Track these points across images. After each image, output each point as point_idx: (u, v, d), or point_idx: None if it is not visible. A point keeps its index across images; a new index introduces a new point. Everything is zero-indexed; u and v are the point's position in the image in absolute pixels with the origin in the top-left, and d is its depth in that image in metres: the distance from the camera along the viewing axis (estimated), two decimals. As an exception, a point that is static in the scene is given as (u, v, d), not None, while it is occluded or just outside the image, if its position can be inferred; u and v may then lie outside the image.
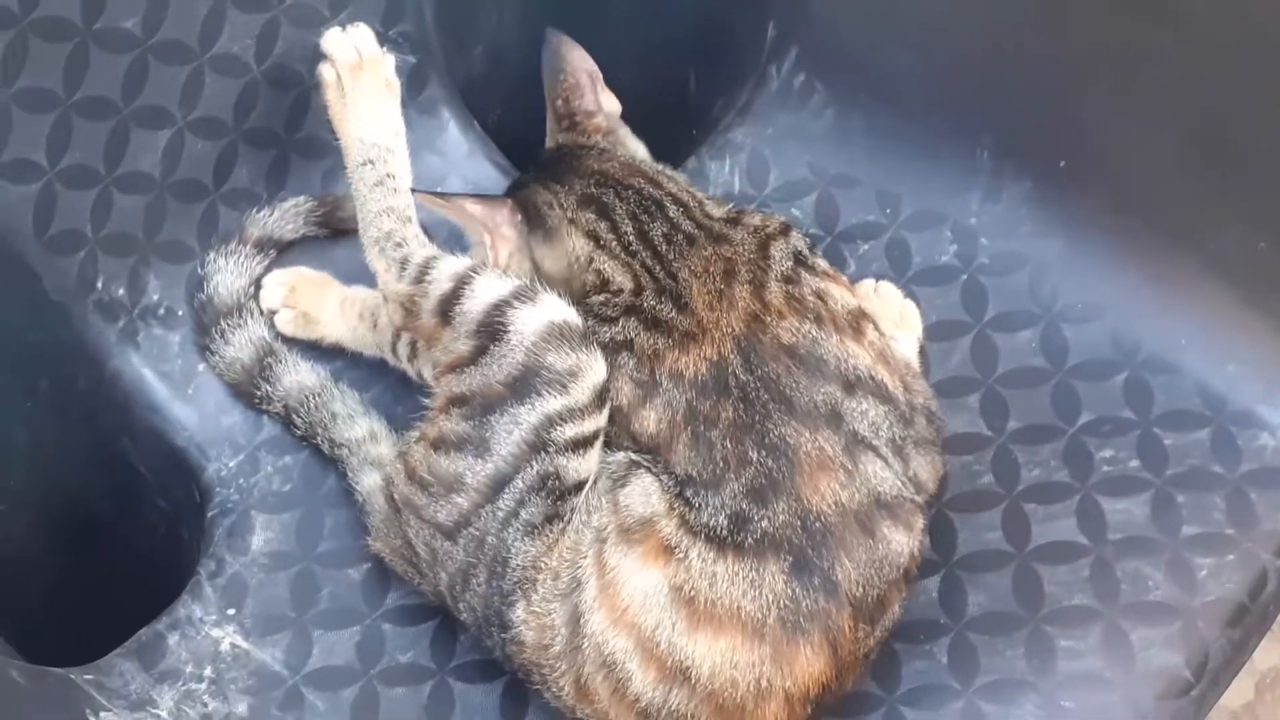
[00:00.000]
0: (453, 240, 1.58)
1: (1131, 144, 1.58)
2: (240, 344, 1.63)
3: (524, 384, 1.35)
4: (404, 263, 1.46)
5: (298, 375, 1.62)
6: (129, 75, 1.58)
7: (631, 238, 1.47)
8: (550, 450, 1.34)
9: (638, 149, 1.60)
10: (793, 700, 1.32)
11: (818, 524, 1.32)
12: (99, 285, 1.60)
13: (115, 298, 1.61)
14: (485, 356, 1.37)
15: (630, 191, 1.50)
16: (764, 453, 1.33)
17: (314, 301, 1.65)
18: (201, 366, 1.65)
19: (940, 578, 1.48)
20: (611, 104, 1.61)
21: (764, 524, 1.31)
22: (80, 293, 1.60)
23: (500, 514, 1.36)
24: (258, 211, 1.67)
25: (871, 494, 1.35)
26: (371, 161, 1.51)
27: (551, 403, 1.34)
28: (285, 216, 1.67)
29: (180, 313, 1.65)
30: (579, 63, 1.59)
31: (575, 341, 1.35)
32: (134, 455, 1.67)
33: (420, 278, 1.44)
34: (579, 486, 1.36)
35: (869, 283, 1.64)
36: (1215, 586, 1.44)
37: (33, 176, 1.54)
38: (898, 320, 1.60)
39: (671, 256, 1.45)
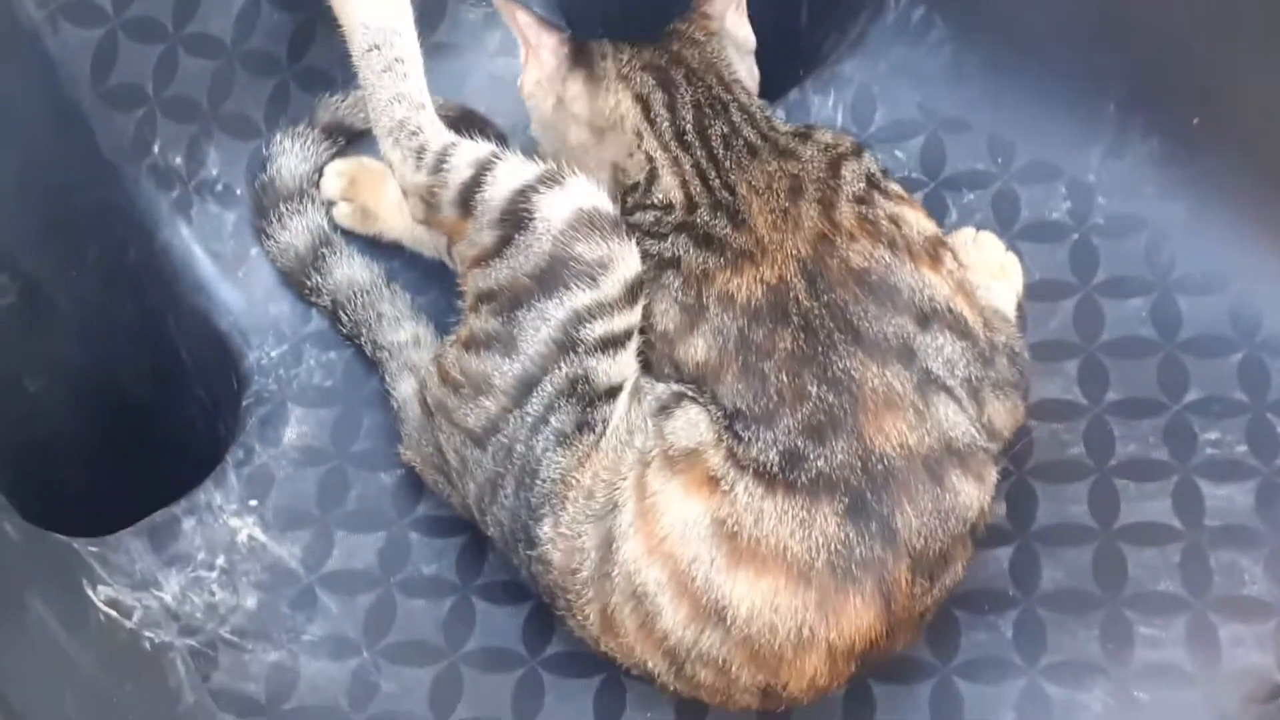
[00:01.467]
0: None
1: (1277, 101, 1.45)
2: (297, 230, 1.55)
3: (551, 276, 1.25)
4: (420, 151, 1.36)
5: (350, 270, 1.54)
6: None
7: (688, 126, 1.37)
8: (579, 350, 1.24)
9: (739, 68, 1.49)
10: (836, 654, 1.20)
11: (880, 466, 1.20)
12: (155, 149, 1.52)
13: (171, 165, 1.54)
14: (510, 247, 1.27)
15: (700, 83, 1.41)
16: (825, 387, 1.21)
17: (373, 195, 1.56)
18: (255, 250, 1.57)
19: (1014, 548, 1.37)
20: (740, 28, 1.51)
21: (820, 463, 1.20)
22: (135, 154, 1.52)
23: (529, 420, 1.26)
24: (331, 96, 1.59)
25: (943, 439, 1.23)
26: (378, 46, 1.39)
27: (580, 296, 1.24)
28: (359, 104, 1.58)
29: (239, 191, 1.57)
30: None
31: (606, 230, 1.25)
32: (177, 337, 1.59)
33: (438, 166, 1.34)
34: (611, 393, 1.25)
35: (968, 231, 1.52)
36: (1320, 589, 1.32)
37: (95, 21, 1.47)
38: (996, 272, 1.48)
39: (729, 165, 1.35)
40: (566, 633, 1.32)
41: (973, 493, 1.24)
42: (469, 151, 1.33)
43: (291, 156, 1.56)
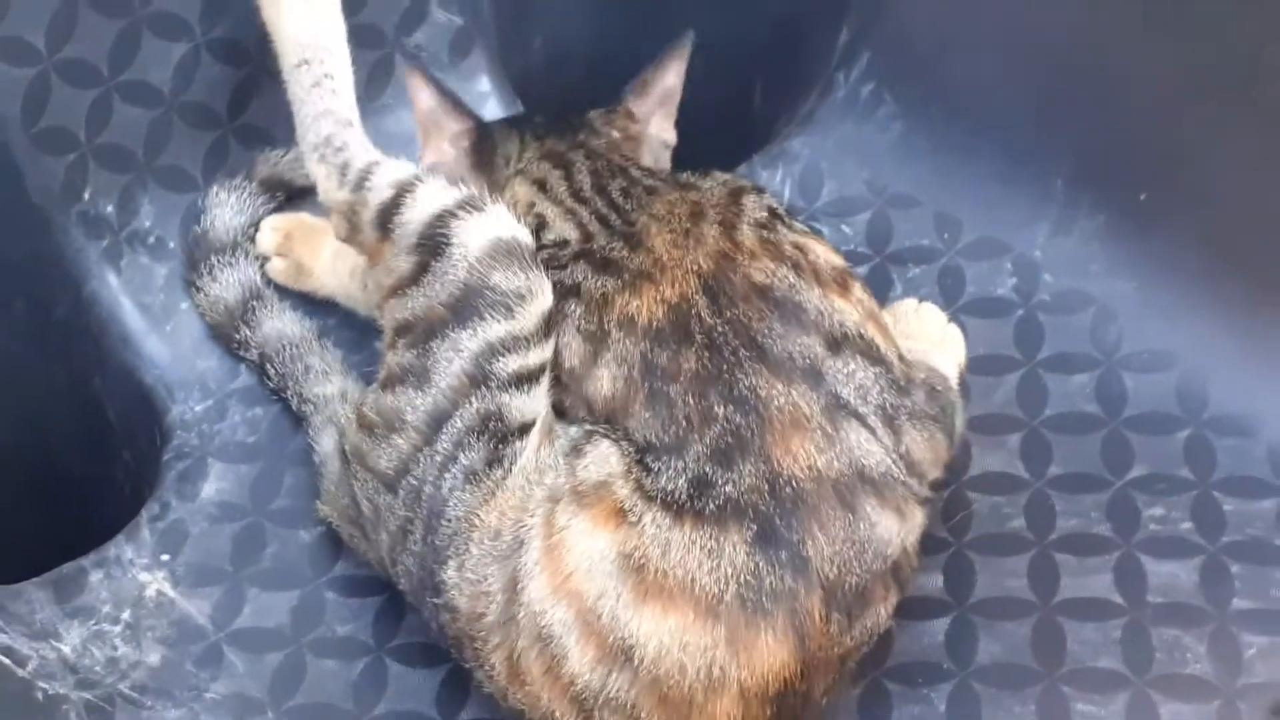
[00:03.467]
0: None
1: (1237, 173, 1.41)
2: (228, 283, 1.50)
3: (466, 305, 1.19)
4: (344, 168, 1.31)
5: (280, 323, 1.49)
6: None
7: (585, 188, 1.33)
8: (492, 385, 1.18)
9: (646, 160, 1.45)
10: (749, 696, 1.12)
11: (788, 489, 1.13)
12: (86, 196, 1.48)
13: (102, 214, 1.49)
14: (426, 275, 1.21)
15: (600, 159, 1.37)
16: (731, 407, 1.15)
17: (309, 251, 1.52)
18: (184, 304, 1.52)
19: (950, 620, 1.29)
20: (665, 132, 1.48)
21: (728, 488, 1.13)
22: (65, 200, 1.47)
23: (438, 458, 1.19)
24: (272, 150, 1.56)
25: (854, 465, 1.16)
26: (308, 62, 1.36)
27: (495, 328, 1.18)
28: (299, 161, 1.51)
29: (172, 245, 1.53)
30: (667, 77, 1.46)
31: (525, 260, 1.20)
32: (104, 398, 1.54)
33: (360, 184, 1.29)
34: (523, 430, 1.19)
35: (909, 301, 1.47)
36: (1264, 669, 1.23)
37: (27, 59, 1.43)
38: (937, 342, 1.42)
39: (629, 206, 1.30)
40: (483, 698, 1.24)
41: (892, 526, 1.17)
42: (391, 171, 1.29)
43: (226, 209, 1.52)
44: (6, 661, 1.25)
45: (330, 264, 1.50)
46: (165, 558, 1.38)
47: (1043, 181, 1.52)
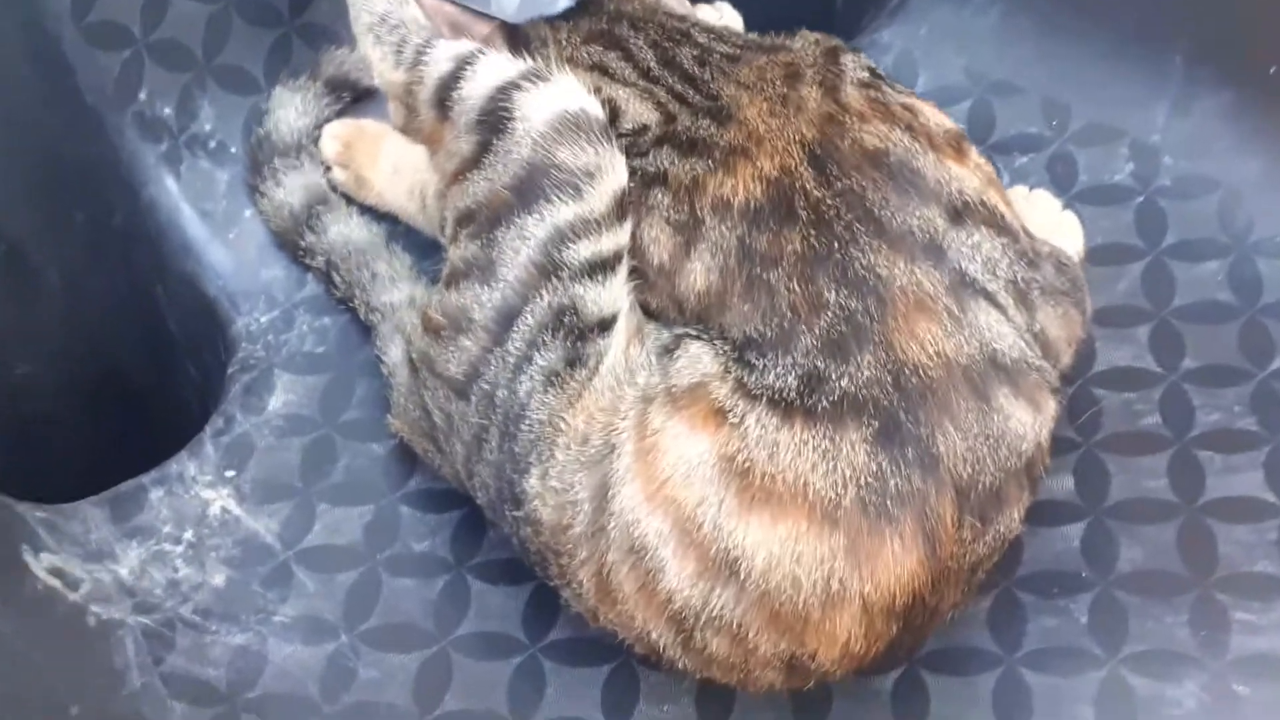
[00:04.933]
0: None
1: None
2: (292, 187, 1.28)
3: (531, 186, 0.97)
4: (400, 46, 1.09)
5: (346, 228, 1.27)
6: None
7: (652, 64, 1.09)
8: (563, 275, 0.96)
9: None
10: (872, 611, 0.90)
11: (914, 379, 0.91)
12: (142, 96, 1.26)
13: (160, 115, 1.28)
14: (488, 155, 1.00)
15: (651, 24, 1.13)
16: (845, 290, 0.93)
17: (368, 162, 1.29)
18: (248, 212, 1.30)
19: (1085, 525, 1.07)
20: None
21: (844, 382, 0.91)
22: (119, 100, 1.26)
23: (511, 359, 0.98)
24: (337, 49, 1.33)
25: (985, 350, 0.94)
26: None
27: (563, 210, 0.96)
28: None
29: (234, 149, 1.31)
30: None
31: (593, 134, 0.97)
32: (166, 309, 1.33)
33: (417, 60, 1.07)
34: (603, 325, 0.97)
35: (1019, 189, 1.24)
36: None
37: None
38: (1053, 230, 1.18)
39: (708, 76, 1.06)
40: (573, 616, 1.03)
41: (1026, 419, 0.95)
42: (451, 46, 1.06)
43: (290, 110, 1.30)
44: (56, 584, 1.04)
45: (389, 179, 1.28)
46: (230, 474, 1.17)
47: (1158, 59, 1.27)
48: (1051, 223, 1.21)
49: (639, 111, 1.06)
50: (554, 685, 1.04)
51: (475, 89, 1.01)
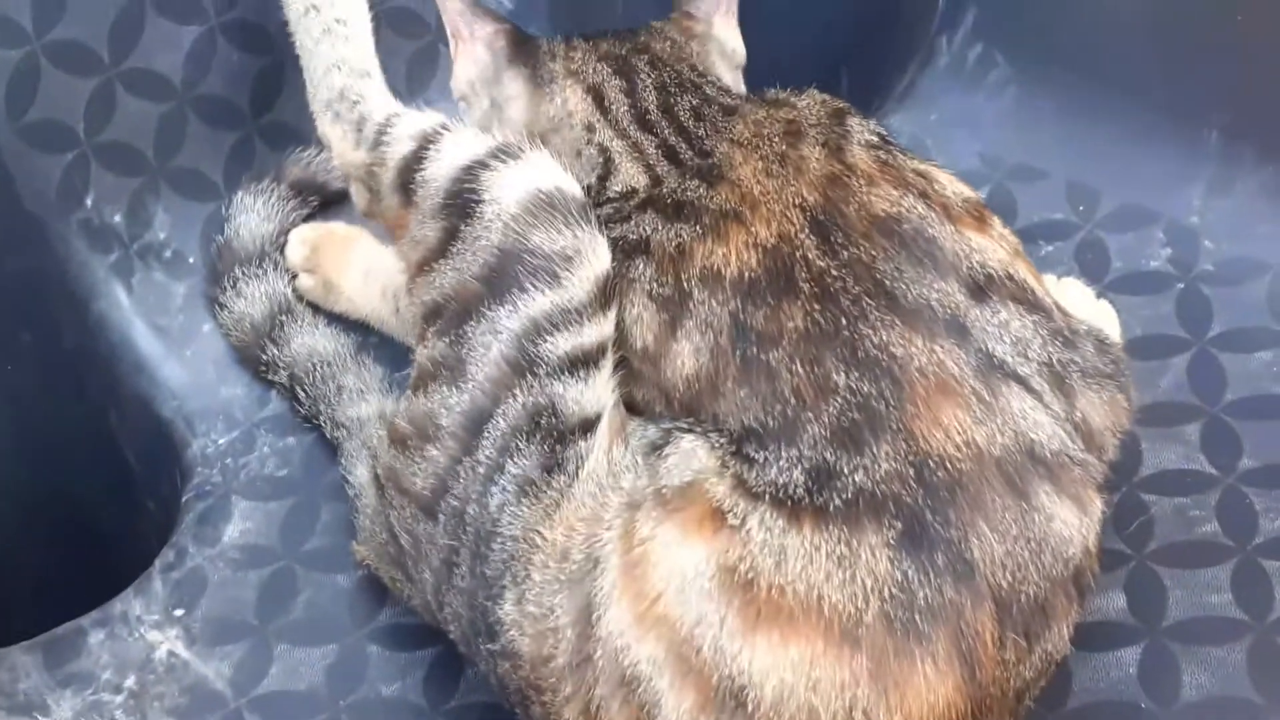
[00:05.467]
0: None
1: None
2: (253, 297, 1.19)
3: (503, 275, 0.88)
4: (360, 123, 1.02)
5: (311, 339, 1.17)
6: None
7: (651, 107, 1.01)
8: (539, 371, 0.86)
9: (722, 73, 1.11)
10: None
11: (940, 473, 0.80)
12: (88, 202, 1.17)
13: (108, 223, 1.19)
14: (456, 242, 0.90)
15: (667, 68, 1.04)
16: (856, 373, 0.82)
17: (337, 267, 1.20)
18: (206, 326, 1.21)
19: (1141, 649, 0.95)
20: (730, 37, 1.12)
21: (858, 476, 0.80)
22: (63, 206, 1.16)
23: (481, 469, 0.87)
24: (303, 150, 1.24)
25: (1021, 440, 0.83)
26: (315, 7, 1.06)
27: (538, 300, 0.86)
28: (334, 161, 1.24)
29: (191, 260, 1.22)
30: None
31: (570, 215, 0.88)
32: (121, 436, 1.23)
33: (378, 140, 1.00)
34: (584, 426, 0.86)
35: (1048, 278, 1.11)
36: None
37: (11, 40, 1.11)
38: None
39: (703, 133, 0.97)
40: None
41: (1071, 519, 0.83)
42: (414, 122, 0.98)
43: (253, 215, 1.21)
44: (-28, 741, 0.93)
45: (361, 282, 1.19)
46: (179, 613, 1.06)
47: (1192, 137, 1.19)
48: (1085, 314, 1.08)
49: (630, 173, 0.98)
50: None
51: (440, 170, 0.93)
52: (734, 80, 1.12)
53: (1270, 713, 0.90)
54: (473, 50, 1.08)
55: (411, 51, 1.30)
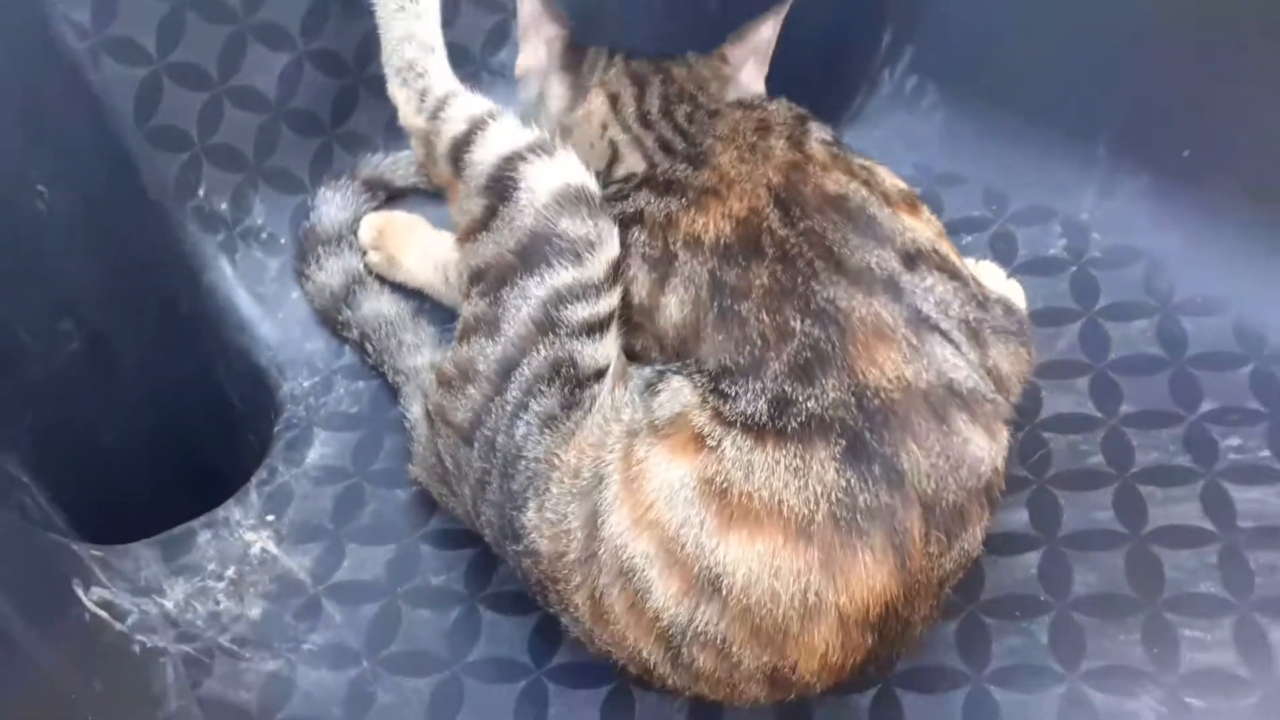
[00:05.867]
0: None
1: (1275, 126, 1.04)
2: (332, 270, 1.15)
3: (534, 252, 0.85)
4: (424, 94, 0.98)
5: (378, 304, 1.14)
6: None
7: (653, 109, 0.99)
8: (560, 332, 0.84)
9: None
10: (848, 623, 0.76)
11: (876, 400, 0.78)
12: (200, 193, 1.14)
13: (217, 210, 1.15)
14: (495, 219, 0.88)
15: (676, 85, 1.02)
16: (809, 320, 0.80)
17: (399, 246, 1.16)
18: (294, 294, 1.17)
19: (1041, 554, 0.93)
20: (755, 83, 1.09)
21: (810, 404, 0.78)
22: (180, 196, 1.13)
23: (509, 407, 0.85)
24: (372, 154, 1.21)
25: (943, 378, 0.81)
26: None
27: (562, 275, 0.84)
28: (398, 164, 1.21)
29: (283, 240, 1.18)
30: (764, 30, 1.07)
31: (592, 208, 0.86)
32: (228, 384, 1.19)
33: (436, 113, 0.96)
34: (598, 374, 0.84)
35: (969, 260, 1.10)
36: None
37: (137, 60, 1.08)
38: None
39: (694, 130, 0.95)
40: (573, 641, 0.88)
41: (983, 444, 0.81)
42: (467, 105, 0.95)
43: (332, 206, 1.18)
44: (104, 615, 0.90)
45: (418, 258, 1.16)
46: (270, 518, 1.03)
47: (1085, 150, 1.15)
48: (998, 289, 1.05)
49: (631, 162, 0.96)
50: (556, 707, 0.89)
51: (485, 155, 0.90)
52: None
53: (1144, 605, 0.88)
54: (537, 47, 1.06)
55: (490, 25, 1.24)
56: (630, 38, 1.19)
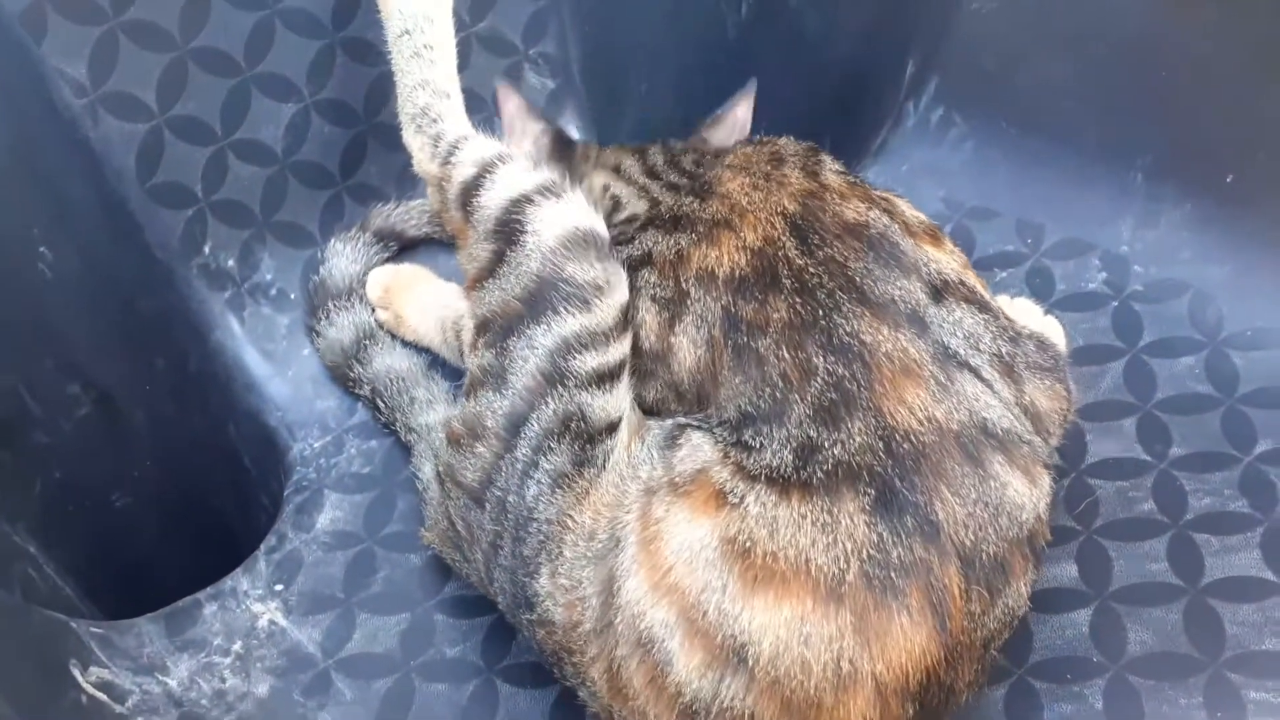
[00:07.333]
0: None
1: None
2: (343, 325, 1.11)
3: (540, 299, 0.81)
4: (437, 139, 0.94)
5: (390, 358, 1.09)
6: (254, 34, 1.07)
7: (659, 164, 0.95)
8: (569, 383, 0.79)
9: None
10: (886, 692, 0.70)
11: (905, 444, 0.73)
12: (206, 250, 1.10)
13: (224, 266, 1.11)
14: (502, 265, 0.83)
15: (678, 146, 0.99)
16: (832, 357, 0.75)
17: (401, 303, 1.12)
18: (305, 350, 1.13)
19: (1092, 610, 0.86)
20: None
21: (836, 450, 0.73)
22: (185, 253, 1.09)
23: (519, 465, 0.80)
24: (383, 205, 1.17)
25: (975, 418, 0.75)
26: (409, 32, 0.98)
27: (570, 322, 0.79)
28: (410, 213, 1.17)
29: (293, 296, 1.14)
30: (738, 110, 1.05)
31: (601, 251, 0.81)
32: (239, 444, 1.15)
33: (448, 158, 0.92)
34: (610, 428, 0.79)
35: (1002, 297, 1.04)
36: None
37: (137, 115, 1.04)
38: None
39: (700, 170, 0.91)
40: (594, 717, 0.82)
41: (1023, 489, 0.75)
42: (477, 149, 0.91)
43: (343, 259, 1.14)
44: (103, 697, 0.86)
45: (420, 315, 1.11)
46: (279, 587, 0.99)
47: (1121, 178, 1.10)
48: (1035, 327, 1.00)
49: (634, 205, 0.91)
50: (579, 786, 0.85)
51: (493, 199, 0.86)
52: None
53: (1204, 665, 0.82)
54: (522, 145, 1.02)
55: (504, 67, 1.20)
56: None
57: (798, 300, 0.78)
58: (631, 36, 1.27)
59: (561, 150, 1.02)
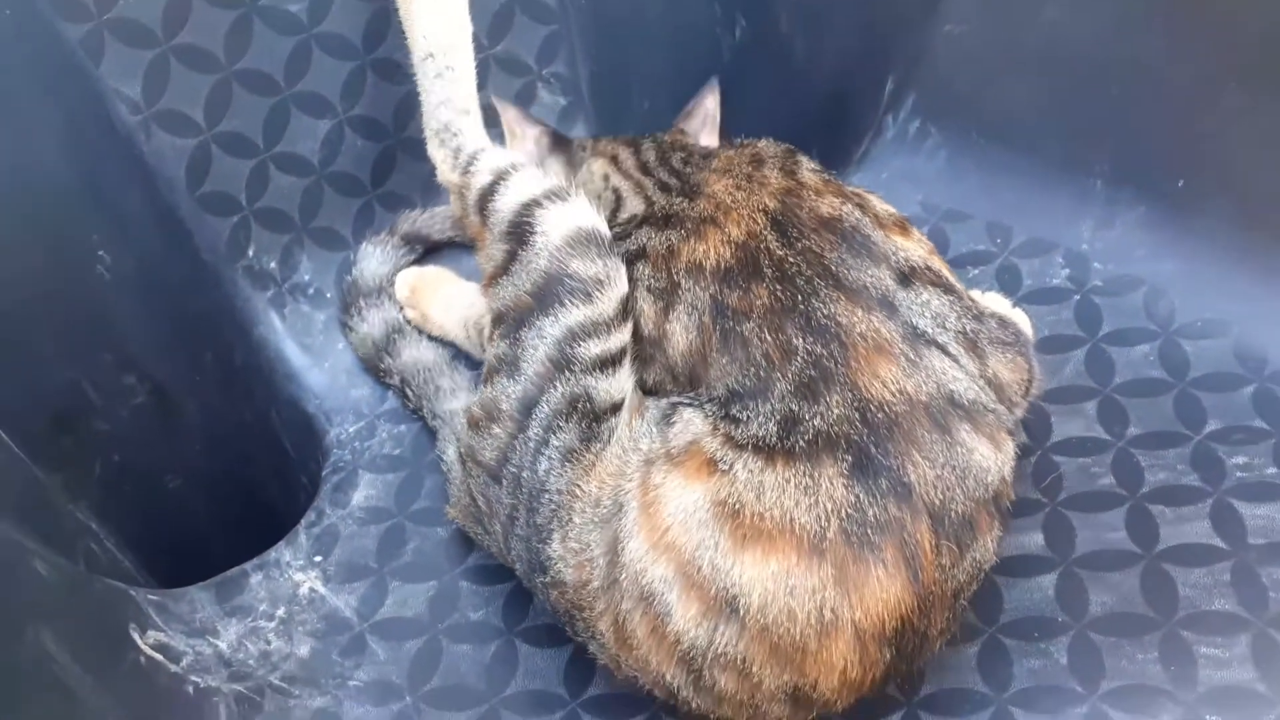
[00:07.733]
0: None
1: (1268, 151, 0.98)
2: (374, 321, 1.12)
3: (548, 292, 0.82)
4: (458, 152, 0.95)
5: (417, 351, 1.10)
6: (293, 57, 1.09)
7: (651, 160, 0.95)
8: (575, 368, 0.80)
9: None
10: (865, 637, 0.71)
11: (879, 414, 0.74)
12: (250, 253, 1.11)
13: (266, 268, 1.12)
14: (515, 263, 0.84)
15: (664, 143, 0.99)
16: (810, 337, 0.76)
17: (426, 302, 1.13)
18: (340, 345, 1.14)
19: (1057, 575, 0.87)
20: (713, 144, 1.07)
21: (816, 421, 0.73)
22: (231, 256, 1.10)
23: (531, 444, 0.81)
24: (411, 211, 1.18)
25: (943, 390, 0.76)
26: (433, 54, 0.99)
27: (575, 313, 0.80)
28: (435, 219, 1.18)
29: (329, 295, 1.15)
30: (706, 102, 1.06)
31: (602, 249, 0.82)
32: (281, 430, 1.16)
33: (468, 168, 0.93)
34: (614, 408, 0.80)
35: (975, 292, 1.04)
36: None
37: (187, 131, 1.05)
38: (1007, 319, 1.01)
39: (690, 170, 0.92)
40: (606, 672, 0.84)
41: (988, 454, 0.76)
42: (492, 159, 0.92)
43: (373, 260, 1.15)
44: (159, 657, 0.87)
45: (442, 312, 1.12)
46: (318, 559, 1.00)
47: (1082, 184, 1.10)
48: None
49: (633, 204, 0.92)
50: (592, 736, 0.85)
51: (506, 203, 0.87)
52: None
53: (1160, 624, 0.82)
54: (523, 145, 1.03)
55: (519, 86, 1.20)
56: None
57: (778, 288, 0.79)
58: (636, 59, 1.27)
59: (559, 146, 1.03)
